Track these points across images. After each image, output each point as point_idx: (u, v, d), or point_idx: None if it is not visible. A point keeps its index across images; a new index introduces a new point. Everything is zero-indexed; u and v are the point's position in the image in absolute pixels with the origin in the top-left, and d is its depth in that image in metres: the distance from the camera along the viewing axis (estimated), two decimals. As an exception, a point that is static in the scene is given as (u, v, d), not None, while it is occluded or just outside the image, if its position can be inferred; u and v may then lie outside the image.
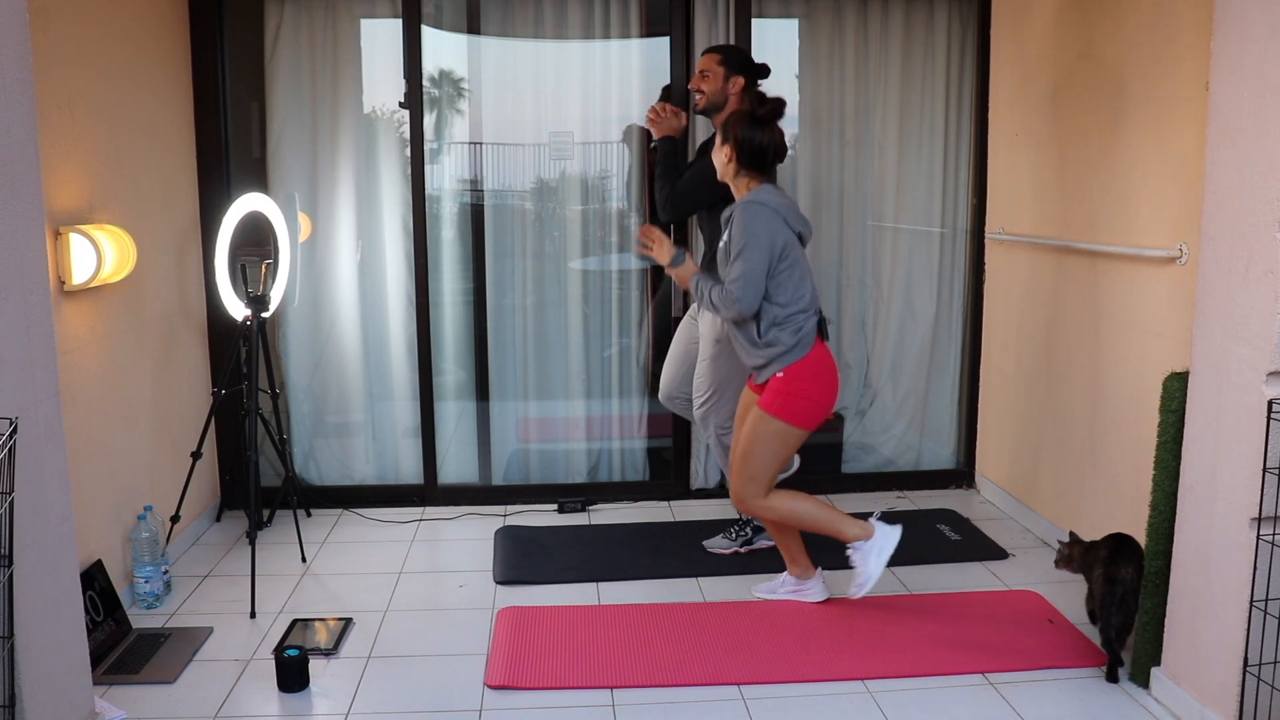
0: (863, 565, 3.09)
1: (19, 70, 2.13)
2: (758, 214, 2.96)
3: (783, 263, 2.98)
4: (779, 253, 2.97)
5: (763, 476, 3.10)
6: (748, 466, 3.09)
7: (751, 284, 2.95)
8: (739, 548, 3.72)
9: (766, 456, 3.07)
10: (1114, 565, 2.80)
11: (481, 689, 2.78)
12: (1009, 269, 4.17)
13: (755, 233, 2.94)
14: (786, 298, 2.99)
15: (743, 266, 2.95)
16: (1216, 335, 2.45)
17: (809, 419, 3.05)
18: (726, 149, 3.06)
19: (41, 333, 2.21)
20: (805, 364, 3.02)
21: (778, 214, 2.98)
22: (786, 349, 3.00)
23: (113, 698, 2.71)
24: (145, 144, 3.52)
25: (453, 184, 4.36)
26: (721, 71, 3.57)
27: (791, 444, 3.08)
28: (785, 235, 2.98)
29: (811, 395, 3.03)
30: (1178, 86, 2.98)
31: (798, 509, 3.14)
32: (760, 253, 2.94)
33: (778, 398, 3.02)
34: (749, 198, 3.02)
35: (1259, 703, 2.38)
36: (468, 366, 4.42)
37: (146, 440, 3.48)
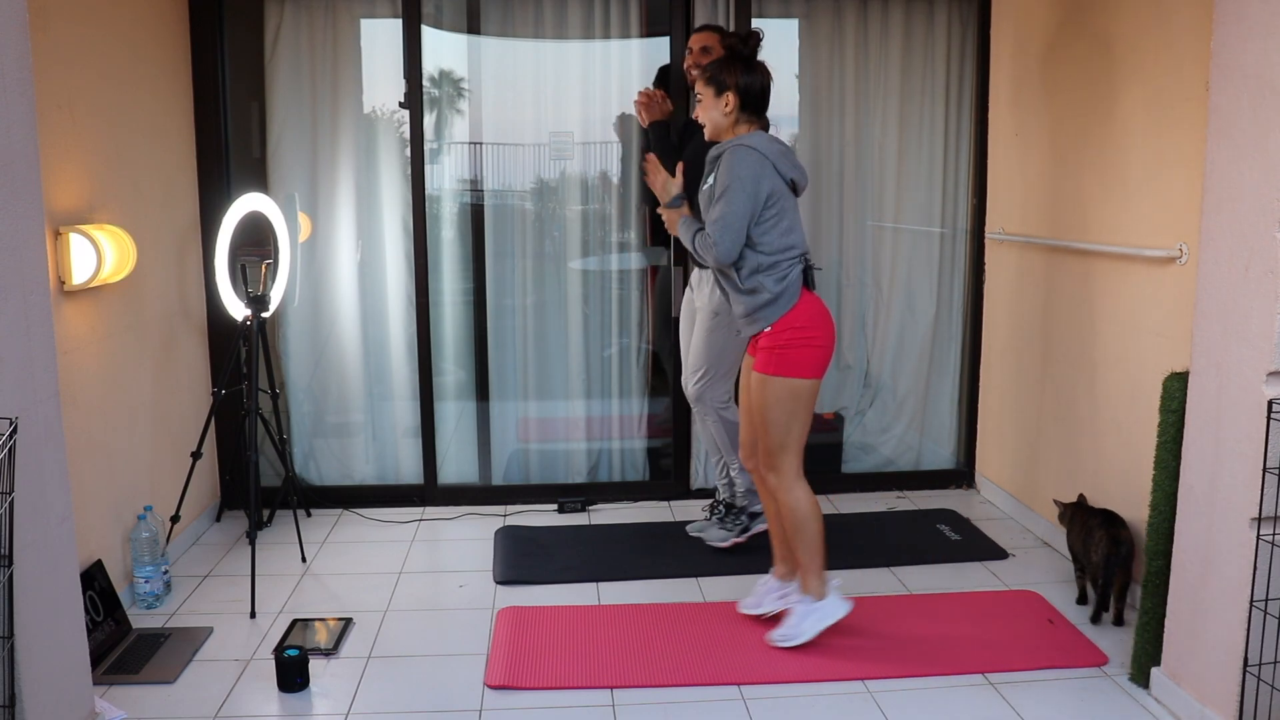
0: (796, 619, 2.96)
1: (19, 70, 2.13)
2: (745, 157, 2.82)
3: (769, 210, 2.83)
4: (764, 199, 2.82)
5: (789, 442, 2.90)
6: (769, 436, 2.91)
7: (730, 229, 2.80)
8: (738, 538, 3.71)
9: (782, 419, 2.88)
10: (1115, 529, 3.09)
11: (481, 689, 2.78)
12: (1009, 269, 4.17)
13: (740, 176, 2.80)
14: (772, 246, 2.84)
15: (723, 210, 2.80)
16: (1216, 335, 2.45)
17: (812, 366, 2.87)
18: (728, 98, 2.90)
19: (41, 333, 2.21)
20: (793, 314, 2.85)
21: (766, 159, 2.83)
22: (771, 297, 2.83)
23: (113, 698, 2.71)
24: (145, 144, 3.52)
25: (453, 184, 4.36)
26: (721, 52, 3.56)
27: (804, 398, 2.88)
28: (773, 181, 2.83)
29: (806, 340, 2.85)
30: (1178, 86, 2.98)
31: (808, 522, 2.93)
32: (743, 197, 2.79)
33: (771, 355, 2.86)
34: (739, 140, 2.87)
35: (1259, 703, 2.38)
36: (468, 366, 4.42)
37: (146, 440, 3.48)
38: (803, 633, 2.95)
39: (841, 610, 2.96)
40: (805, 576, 2.98)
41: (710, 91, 2.94)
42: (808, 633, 2.95)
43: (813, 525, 2.94)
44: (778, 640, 2.98)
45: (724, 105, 2.92)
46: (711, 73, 2.94)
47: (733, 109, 2.92)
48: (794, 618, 2.98)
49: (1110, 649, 2.96)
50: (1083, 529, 3.22)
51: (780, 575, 3.18)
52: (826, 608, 2.96)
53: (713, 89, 2.93)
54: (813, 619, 2.96)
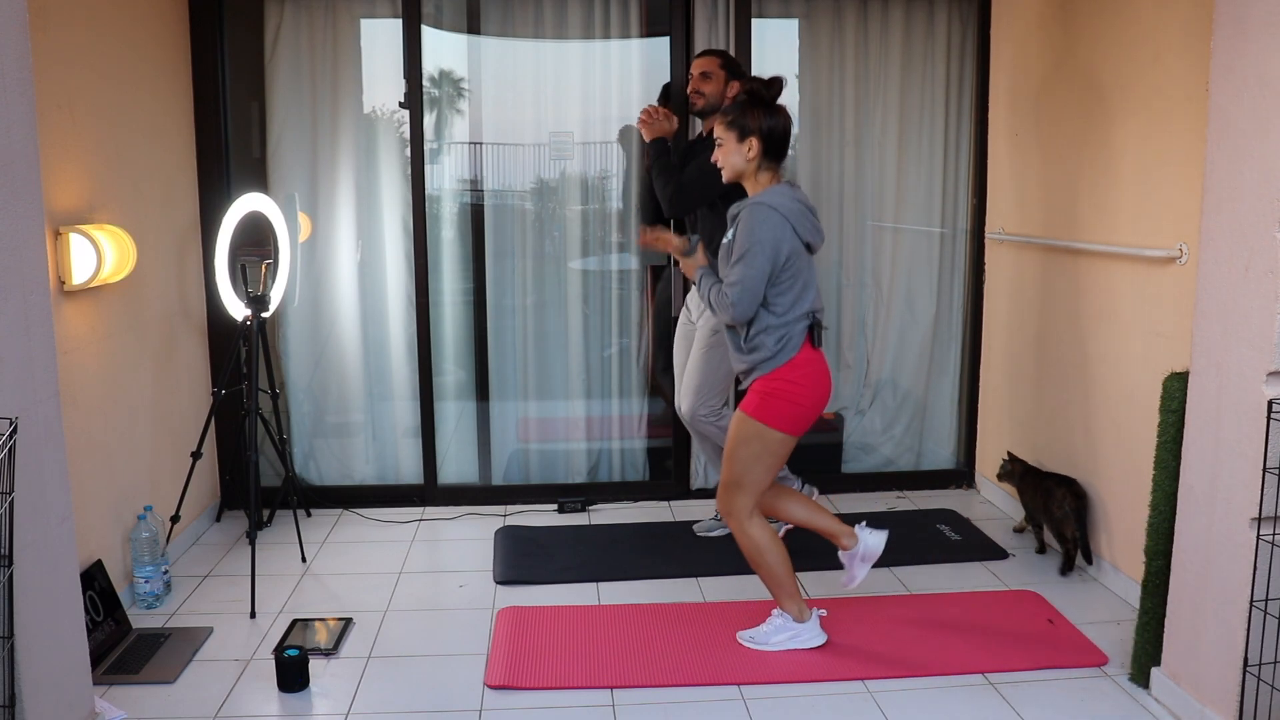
0: (772, 633, 2.98)
1: (19, 70, 2.13)
2: (766, 218, 2.77)
3: (785, 272, 2.79)
4: (782, 262, 2.78)
5: (747, 483, 2.89)
6: (731, 470, 2.91)
7: (749, 291, 2.77)
8: (728, 530, 3.72)
9: (748, 461, 2.87)
10: (1075, 486, 3.53)
11: (481, 689, 2.78)
12: (1009, 269, 4.17)
13: (761, 239, 2.75)
14: (784, 307, 2.81)
15: (743, 272, 2.77)
16: (1216, 335, 2.45)
17: (789, 422, 2.84)
18: (751, 143, 2.82)
19: (41, 333, 2.21)
20: (789, 368, 2.83)
21: (787, 221, 2.78)
22: (769, 355, 2.83)
23: (113, 698, 2.71)
24: (145, 144, 3.52)
25: (453, 184, 4.36)
26: (723, 75, 3.59)
27: (774, 450, 2.87)
28: (791, 244, 2.79)
29: (791, 397, 2.82)
30: (1178, 86, 2.98)
31: (767, 553, 2.93)
32: (762, 260, 2.76)
33: (755, 398, 2.86)
34: (761, 199, 2.80)
35: (1259, 703, 2.38)
36: (468, 366, 4.42)
37: (146, 440, 3.48)
38: (770, 644, 2.98)
39: (817, 640, 2.98)
40: (781, 602, 3.00)
41: (732, 136, 2.86)
42: (774, 645, 2.98)
43: (770, 556, 2.95)
44: (744, 640, 3.01)
45: (746, 150, 2.85)
46: (734, 116, 2.86)
47: (755, 155, 2.85)
48: (768, 627, 3.00)
49: (1110, 649, 2.96)
50: (1039, 490, 3.64)
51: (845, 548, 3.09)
52: (804, 633, 2.98)
53: (735, 133, 2.85)
54: (784, 636, 2.98)
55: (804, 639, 2.97)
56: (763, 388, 2.86)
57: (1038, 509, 3.65)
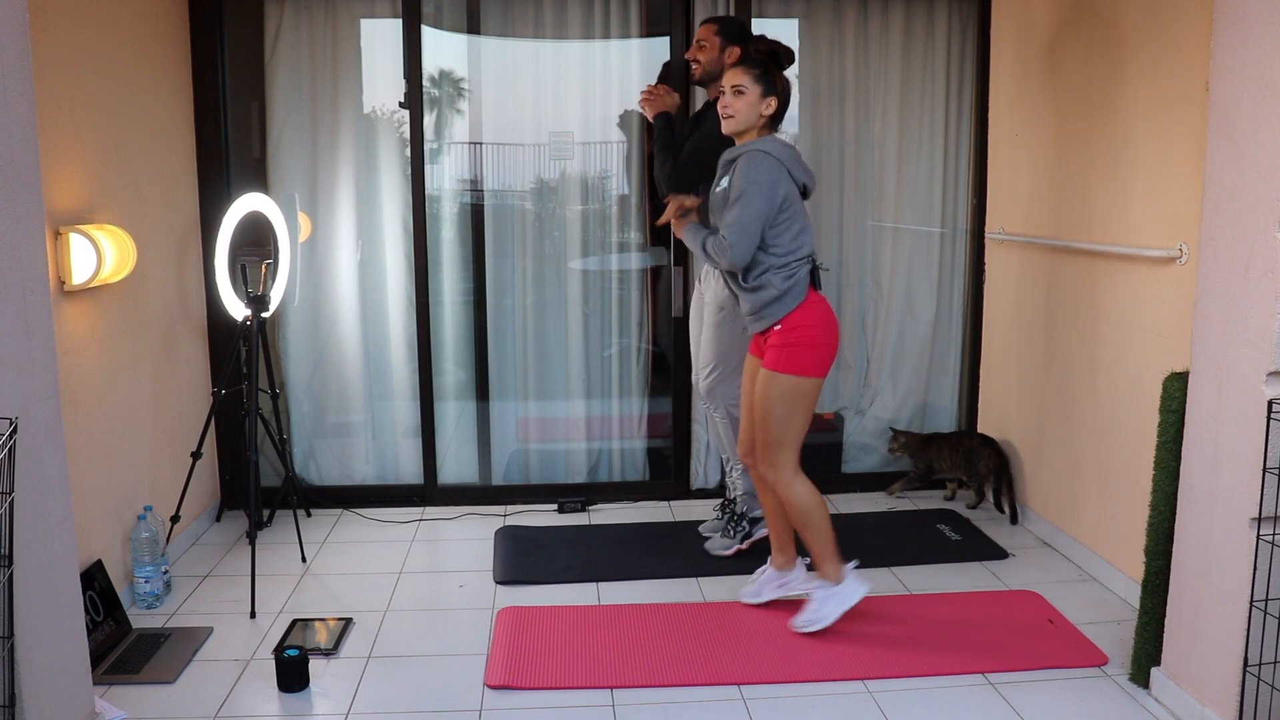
0: (817, 604, 3.02)
1: (19, 70, 2.13)
2: (762, 162, 2.88)
3: (782, 214, 2.90)
4: (779, 203, 2.89)
5: (788, 439, 2.97)
6: (769, 431, 2.97)
7: (746, 232, 2.86)
8: (740, 545, 3.71)
9: (785, 416, 2.95)
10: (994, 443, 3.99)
11: (481, 689, 2.78)
12: (1009, 269, 4.17)
13: (757, 181, 2.86)
14: (783, 249, 2.91)
15: (739, 213, 2.86)
16: (1216, 335, 2.45)
17: (817, 366, 2.94)
18: (771, 101, 2.95)
19: (41, 333, 2.21)
20: (801, 312, 2.93)
21: (782, 164, 2.89)
22: (777, 293, 2.91)
23: (113, 698, 2.71)
24: (145, 144, 3.52)
25: (453, 184, 4.36)
26: (718, 41, 3.57)
27: (808, 397, 2.96)
28: (787, 186, 2.90)
29: (813, 342, 2.93)
30: (1178, 86, 2.98)
31: (813, 512, 3.00)
32: (759, 202, 2.86)
33: (781, 352, 2.93)
34: (755, 145, 2.92)
35: (1259, 703, 2.38)
36: (468, 366, 4.42)
37: (146, 440, 3.48)
38: (824, 617, 3.02)
39: (860, 591, 3.03)
40: (821, 564, 3.04)
41: (758, 89, 2.96)
42: (829, 616, 3.02)
43: (816, 515, 3.01)
44: (800, 626, 3.03)
45: (765, 106, 2.96)
46: (762, 70, 2.96)
47: (770, 113, 2.98)
48: (815, 604, 3.04)
49: (1110, 649, 2.96)
50: (957, 451, 4.01)
51: (779, 565, 3.24)
52: (845, 591, 3.02)
53: (761, 87, 2.96)
54: (833, 603, 3.02)
55: (850, 597, 3.01)
56: (782, 340, 2.94)
57: (958, 467, 4.07)
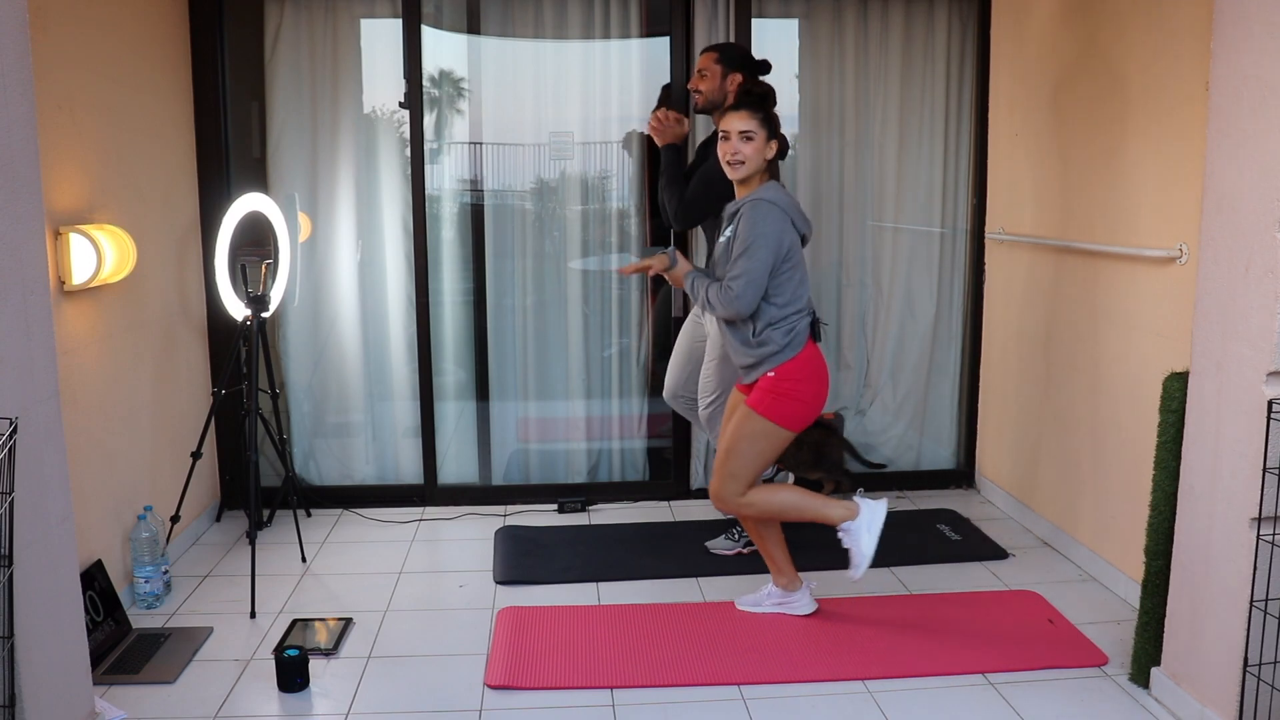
0: (855, 545, 3.03)
1: (19, 70, 2.13)
2: (768, 213, 2.90)
3: (785, 264, 2.92)
4: (784, 254, 2.92)
5: (744, 475, 3.02)
6: (729, 463, 3.02)
7: (754, 284, 2.89)
8: (742, 549, 3.72)
9: (750, 455, 3.00)
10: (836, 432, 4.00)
11: (481, 689, 2.78)
12: (1009, 269, 4.17)
13: (765, 233, 2.88)
14: (785, 299, 2.94)
15: (746, 265, 2.88)
16: (1216, 335, 2.45)
17: (796, 420, 2.99)
18: (773, 145, 2.98)
19: (41, 333, 2.21)
20: (796, 364, 2.96)
21: (786, 214, 2.92)
22: (778, 349, 2.94)
23: (113, 698, 2.71)
24: (145, 144, 3.52)
25: (453, 184, 4.36)
26: (719, 70, 3.57)
27: (776, 445, 3.01)
28: (791, 237, 2.93)
29: (800, 397, 2.97)
30: (1178, 86, 2.98)
31: (776, 500, 3.07)
32: (766, 253, 2.88)
33: (766, 397, 2.96)
34: (760, 195, 2.94)
35: (1259, 703, 2.38)
36: (468, 366, 4.42)
37: (146, 440, 3.48)
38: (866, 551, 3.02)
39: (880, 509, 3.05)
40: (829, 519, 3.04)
41: (765, 134, 2.97)
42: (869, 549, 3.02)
43: (786, 496, 3.10)
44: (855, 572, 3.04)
45: (770, 150, 2.99)
46: (766, 114, 2.99)
47: (773, 155, 3.01)
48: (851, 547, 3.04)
49: (1110, 649, 2.96)
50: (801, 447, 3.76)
51: (782, 586, 3.23)
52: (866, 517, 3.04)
53: (766, 132, 2.97)
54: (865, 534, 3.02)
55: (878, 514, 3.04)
56: (772, 387, 2.96)
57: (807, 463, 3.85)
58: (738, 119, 2.96)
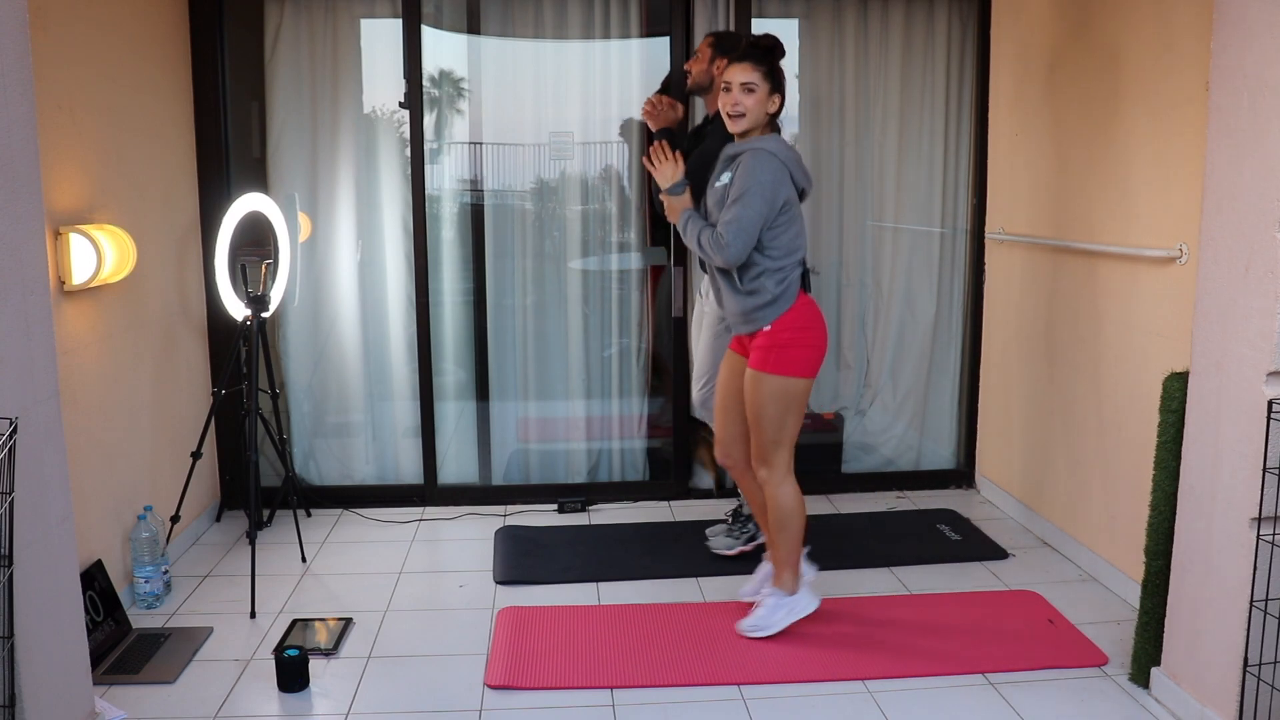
0: (769, 613, 3.01)
1: (19, 70, 2.13)
2: (767, 163, 2.85)
3: (781, 216, 2.87)
4: (779, 206, 2.86)
5: (783, 438, 2.94)
6: (763, 431, 2.94)
7: (744, 232, 2.82)
8: (744, 546, 3.71)
9: (778, 416, 2.92)
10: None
11: (481, 689, 2.78)
12: (1009, 269, 4.17)
13: (761, 182, 2.83)
14: (780, 251, 2.88)
15: (739, 212, 2.83)
16: (1216, 335, 2.45)
17: (806, 366, 2.92)
18: (776, 99, 2.93)
19: (41, 333, 2.21)
20: (791, 315, 2.90)
21: (785, 166, 2.87)
22: (770, 299, 2.88)
23: (113, 698, 2.71)
24: (145, 144, 3.52)
25: (453, 184, 4.36)
26: (709, 53, 3.60)
27: (799, 397, 2.93)
28: (788, 189, 2.88)
29: (803, 342, 2.91)
30: (1178, 86, 2.98)
31: (793, 517, 2.99)
32: (760, 203, 2.82)
33: (768, 353, 2.90)
34: (761, 144, 2.89)
35: (1259, 703, 2.38)
36: (468, 366, 4.42)
37: (146, 440, 3.48)
38: (773, 624, 3.01)
39: (811, 605, 3.04)
40: (780, 570, 3.05)
41: (767, 87, 2.92)
42: (777, 624, 3.02)
43: (796, 522, 3.01)
44: (747, 630, 3.03)
45: (771, 103, 2.94)
46: (770, 67, 2.93)
47: (775, 111, 2.96)
48: (764, 609, 3.03)
49: (1110, 649, 2.96)
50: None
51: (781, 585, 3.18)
52: (798, 602, 3.03)
53: (769, 85, 2.92)
54: (783, 612, 3.02)
55: (800, 608, 3.01)
56: (769, 341, 2.91)
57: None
58: (740, 70, 2.91)
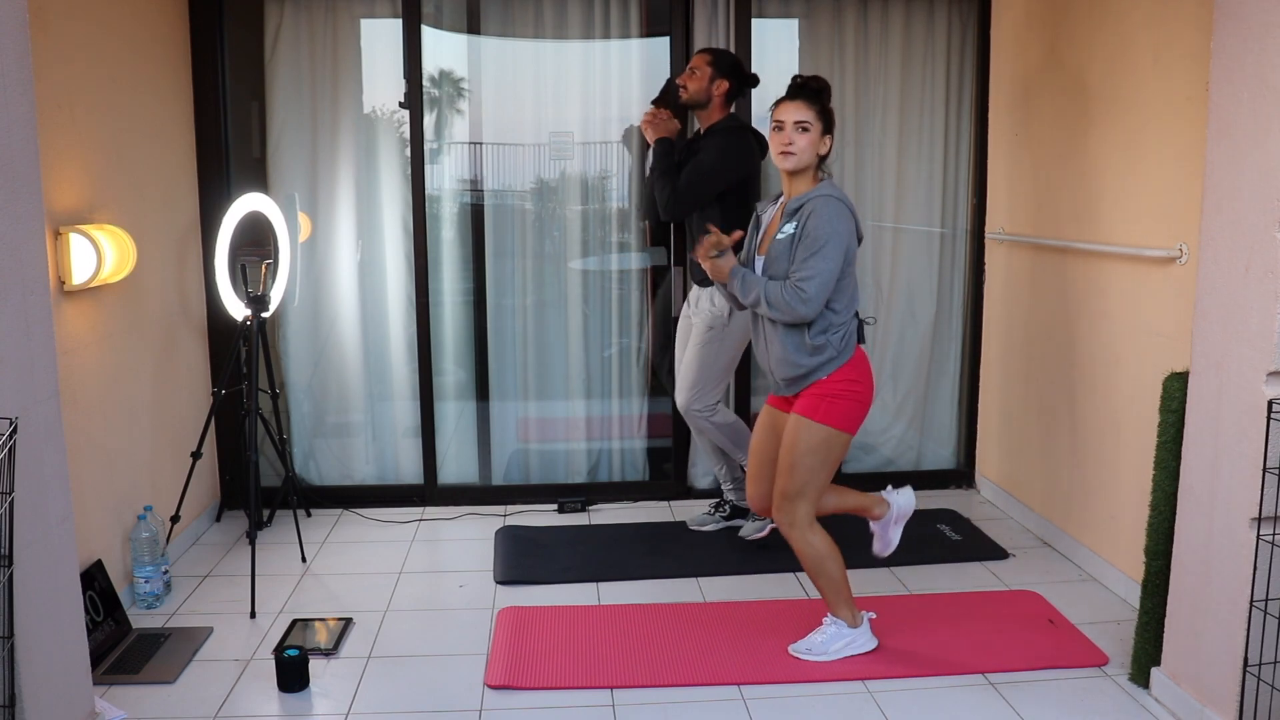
0: (829, 642, 2.91)
1: (19, 70, 2.13)
2: (841, 213, 2.77)
3: (848, 267, 2.80)
4: (850, 257, 2.79)
5: (810, 492, 2.84)
6: (792, 480, 2.83)
7: (825, 285, 2.73)
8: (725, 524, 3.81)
9: (812, 467, 2.82)
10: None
11: (481, 689, 2.78)
12: (1009, 269, 4.17)
13: (839, 231, 2.75)
14: (843, 304, 2.81)
15: (821, 265, 2.72)
16: (1216, 335, 2.45)
17: (851, 421, 2.85)
18: (828, 140, 2.83)
19: (41, 333, 2.21)
20: (848, 367, 2.83)
21: (853, 216, 2.82)
22: (835, 354, 2.80)
23: (113, 698, 2.71)
24: (145, 144, 3.52)
25: (453, 184, 4.36)
26: (709, 72, 3.62)
27: (836, 451, 2.85)
28: (854, 240, 2.82)
29: (857, 396, 2.84)
30: (1177, 86, 2.98)
31: (827, 564, 2.87)
32: (837, 253, 2.74)
33: (822, 402, 2.81)
34: (830, 192, 2.80)
35: (1259, 703, 2.38)
36: (468, 366, 4.42)
37: (146, 440, 3.48)
38: (828, 653, 2.91)
39: (870, 644, 2.94)
40: (834, 608, 2.94)
41: (820, 126, 2.83)
42: (832, 654, 2.91)
43: (831, 564, 2.89)
44: (800, 651, 2.93)
45: (824, 145, 2.85)
46: (823, 107, 2.84)
47: (826, 153, 2.86)
48: (823, 636, 2.93)
49: (1110, 649, 2.96)
50: None
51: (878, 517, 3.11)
52: (859, 638, 2.93)
53: (822, 124, 2.83)
54: (841, 643, 2.92)
55: (859, 644, 2.93)
56: (824, 390, 2.82)
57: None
58: (793, 108, 2.81)
